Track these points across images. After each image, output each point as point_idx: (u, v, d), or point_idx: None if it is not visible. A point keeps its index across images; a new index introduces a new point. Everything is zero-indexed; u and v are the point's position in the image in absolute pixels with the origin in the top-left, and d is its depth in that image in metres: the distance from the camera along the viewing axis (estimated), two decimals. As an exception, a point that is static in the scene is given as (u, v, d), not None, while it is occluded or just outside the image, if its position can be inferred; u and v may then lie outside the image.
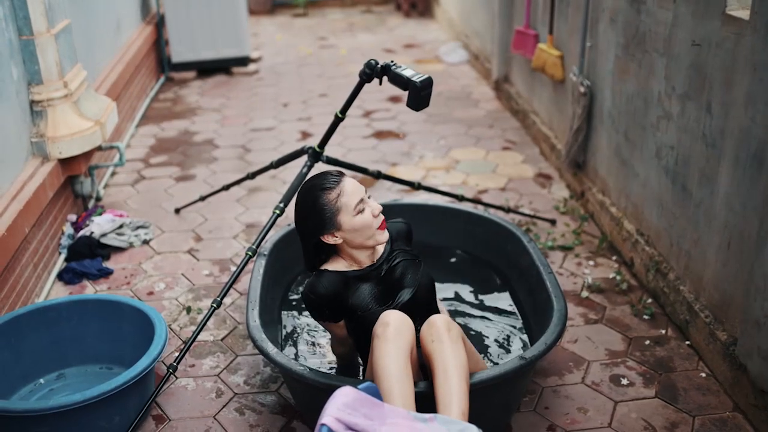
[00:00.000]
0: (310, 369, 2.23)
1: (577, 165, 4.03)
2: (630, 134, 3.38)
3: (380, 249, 2.40)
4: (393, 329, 2.06)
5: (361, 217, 2.24)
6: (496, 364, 2.65)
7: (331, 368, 2.68)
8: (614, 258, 3.46)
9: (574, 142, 3.93)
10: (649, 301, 3.12)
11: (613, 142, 3.58)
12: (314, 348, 2.79)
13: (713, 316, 2.72)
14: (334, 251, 2.36)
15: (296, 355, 2.77)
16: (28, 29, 3.38)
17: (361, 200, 2.24)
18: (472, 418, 2.29)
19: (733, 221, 2.55)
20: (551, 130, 4.56)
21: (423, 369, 2.24)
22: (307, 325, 2.93)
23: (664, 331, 2.93)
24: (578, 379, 2.68)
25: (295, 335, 2.87)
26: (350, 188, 2.24)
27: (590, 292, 3.20)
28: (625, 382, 2.66)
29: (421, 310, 2.34)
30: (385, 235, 2.31)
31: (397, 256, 2.40)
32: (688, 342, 2.86)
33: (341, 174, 2.29)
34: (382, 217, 2.28)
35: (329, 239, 2.28)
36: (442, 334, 2.10)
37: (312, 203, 2.25)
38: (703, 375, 2.68)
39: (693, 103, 2.79)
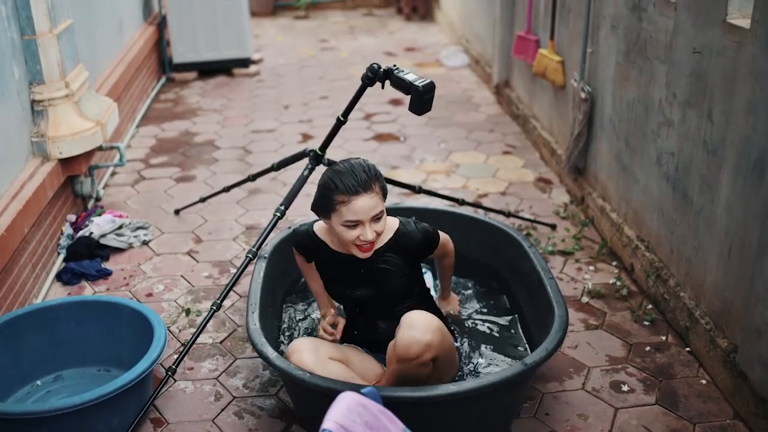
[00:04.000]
0: (311, 373, 2.23)
1: (577, 170, 4.03)
2: (631, 140, 3.38)
3: None
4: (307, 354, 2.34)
5: (346, 230, 2.32)
6: (497, 369, 2.64)
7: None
8: (614, 263, 3.46)
9: (575, 148, 3.93)
10: (650, 307, 3.12)
11: (613, 148, 3.58)
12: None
13: (714, 323, 2.71)
14: None
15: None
16: (30, 29, 3.38)
17: (358, 222, 2.30)
18: (473, 424, 2.30)
19: (734, 228, 2.55)
20: (552, 135, 4.57)
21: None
22: (308, 328, 2.93)
23: (664, 338, 2.93)
24: (578, 385, 2.68)
25: (296, 338, 2.86)
26: (358, 206, 2.28)
27: (590, 297, 3.19)
28: (625, 388, 2.65)
29: (383, 310, 2.53)
30: (363, 255, 2.37)
31: (378, 261, 2.46)
32: (688, 349, 2.85)
33: (368, 186, 2.29)
34: (369, 244, 2.34)
35: (322, 219, 2.43)
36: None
37: (325, 186, 2.33)
38: (704, 382, 2.68)
39: (694, 111, 2.79)
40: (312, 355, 2.33)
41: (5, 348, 2.62)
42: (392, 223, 2.50)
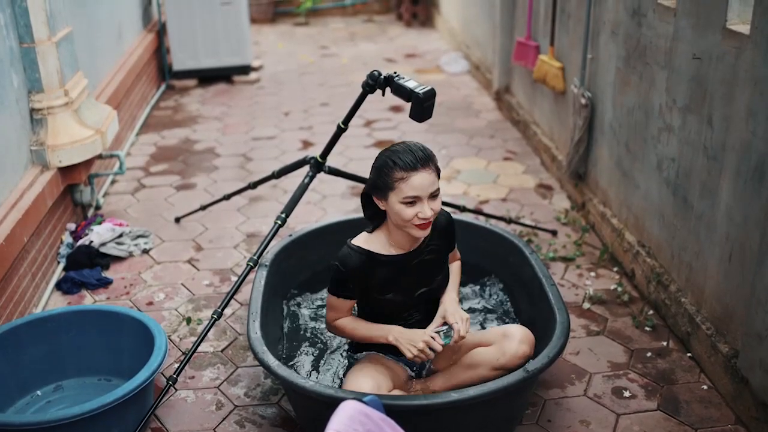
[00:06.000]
0: (312, 382, 2.22)
1: (578, 176, 4.03)
2: (631, 146, 3.37)
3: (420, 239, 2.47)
4: None
5: (404, 208, 2.30)
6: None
7: (333, 381, 2.67)
8: (615, 269, 3.45)
9: (576, 153, 3.93)
10: (651, 312, 3.11)
11: (614, 153, 3.57)
12: (316, 360, 2.78)
13: (715, 328, 2.71)
14: (383, 216, 2.44)
15: (298, 367, 2.75)
16: (29, 37, 3.38)
17: (416, 198, 2.29)
18: (474, 431, 2.29)
19: (735, 234, 2.55)
20: (552, 141, 4.56)
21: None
22: (310, 336, 2.92)
23: (665, 343, 2.92)
24: (580, 391, 2.67)
25: (297, 347, 2.86)
26: (416, 182, 2.28)
27: (592, 303, 3.19)
28: (627, 394, 2.64)
29: (428, 303, 2.53)
30: (421, 233, 2.36)
31: (428, 252, 2.48)
32: (689, 354, 2.85)
33: (426, 163, 2.30)
34: (427, 221, 2.33)
35: (377, 202, 2.39)
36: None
37: (382, 164, 2.33)
38: (705, 387, 2.67)
39: (694, 116, 2.79)
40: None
41: (5, 358, 2.61)
42: None
